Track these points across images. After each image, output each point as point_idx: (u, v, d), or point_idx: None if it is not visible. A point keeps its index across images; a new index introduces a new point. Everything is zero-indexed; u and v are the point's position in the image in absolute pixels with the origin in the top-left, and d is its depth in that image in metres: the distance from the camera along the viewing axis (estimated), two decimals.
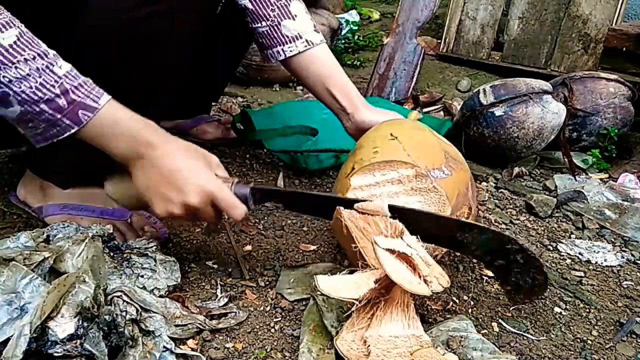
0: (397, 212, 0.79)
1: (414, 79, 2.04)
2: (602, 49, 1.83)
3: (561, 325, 0.88)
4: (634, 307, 0.94)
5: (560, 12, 2.09)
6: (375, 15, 2.80)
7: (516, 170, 1.43)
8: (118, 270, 0.81)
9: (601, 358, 0.82)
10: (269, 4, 1.04)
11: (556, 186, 1.38)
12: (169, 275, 0.83)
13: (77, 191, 0.96)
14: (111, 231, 0.85)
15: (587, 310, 0.92)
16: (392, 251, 0.73)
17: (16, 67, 0.67)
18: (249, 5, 1.05)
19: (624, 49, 1.64)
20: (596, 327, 0.88)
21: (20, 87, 0.68)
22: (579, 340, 0.85)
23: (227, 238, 1.02)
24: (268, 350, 0.77)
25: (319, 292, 0.84)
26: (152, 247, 0.86)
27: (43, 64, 0.69)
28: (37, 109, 0.70)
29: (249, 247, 1.00)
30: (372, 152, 0.88)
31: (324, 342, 0.76)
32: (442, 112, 1.86)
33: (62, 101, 0.70)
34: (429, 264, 0.75)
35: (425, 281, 0.73)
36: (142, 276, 0.81)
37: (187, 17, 0.85)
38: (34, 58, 0.68)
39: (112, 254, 0.84)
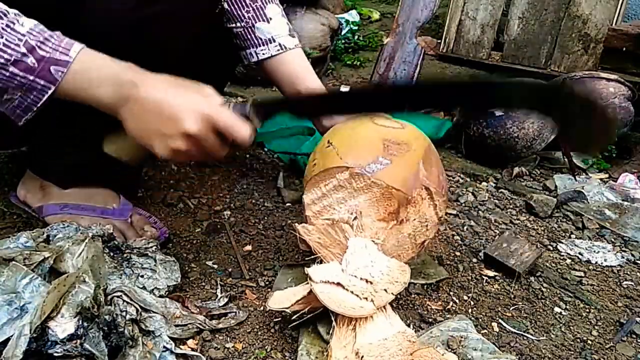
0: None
1: (414, 79, 2.04)
2: (602, 49, 1.83)
3: (561, 325, 0.88)
4: (634, 307, 0.94)
5: (560, 12, 2.09)
6: (375, 15, 2.80)
7: (516, 170, 1.43)
8: (118, 270, 0.81)
9: (601, 358, 0.82)
10: (244, 4, 1.04)
11: (556, 186, 1.38)
12: (169, 275, 0.84)
13: (77, 190, 0.96)
14: (111, 231, 0.85)
15: (587, 310, 0.92)
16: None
17: None
18: (226, 5, 1.04)
19: (624, 49, 1.64)
20: (596, 327, 0.88)
21: None
22: (579, 340, 0.85)
23: (227, 238, 1.02)
24: (268, 350, 0.77)
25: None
26: (152, 247, 0.86)
27: (2, 24, 0.64)
28: (7, 74, 0.65)
29: (249, 247, 1.00)
30: (312, 165, 0.89)
31: (323, 345, 0.76)
32: (442, 112, 1.86)
33: (30, 60, 0.65)
34: (370, 280, 0.76)
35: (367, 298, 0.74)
36: (142, 276, 0.82)
37: (187, 19, 0.85)
38: None
39: (112, 254, 0.84)
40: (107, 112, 0.71)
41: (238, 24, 1.05)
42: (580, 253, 1.09)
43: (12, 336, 0.64)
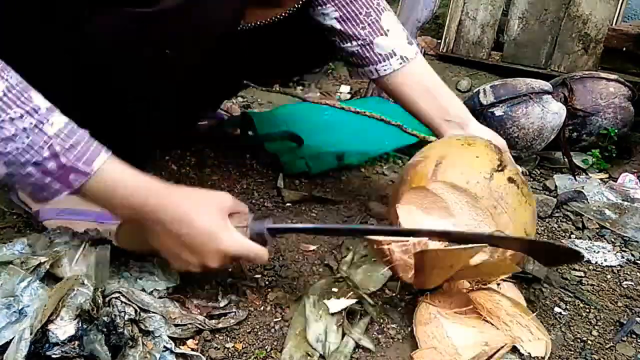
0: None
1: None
2: (602, 49, 1.83)
3: (561, 325, 0.88)
4: (634, 307, 0.94)
5: (560, 12, 2.09)
6: None
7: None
8: (116, 274, 0.80)
9: (601, 358, 0.82)
10: (358, 21, 0.97)
11: (556, 186, 1.38)
12: (168, 277, 0.83)
13: (74, 195, 0.95)
14: (108, 236, 0.85)
15: (587, 310, 0.92)
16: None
17: (1, 127, 0.61)
18: (337, 26, 0.98)
19: (624, 49, 1.64)
20: (596, 327, 0.88)
21: (5, 148, 0.63)
22: (579, 340, 0.85)
23: None
24: (268, 350, 0.77)
25: (309, 294, 0.85)
26: None
27: (31, 123, 0.63)
28: (24, 172, 0.64)
29: None
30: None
31: (308, 349, 0.76)
32: None
33: (50, 165, 0.64)
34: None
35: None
36: (140, 279, 0.81)
37: (190, 55, 0.81)
38: (21, 117, 0.62)
39: (109, 258, 0.83)
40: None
41: (354, 43, 0.99)
42: None
43: (11, 340, 0.64)
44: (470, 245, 0.75)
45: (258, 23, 0.97)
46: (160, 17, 0.72)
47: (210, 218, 0.73)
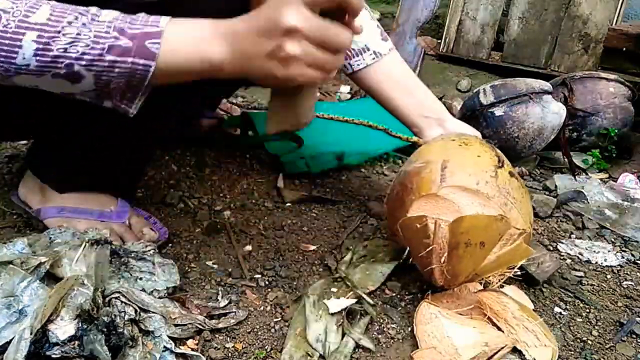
0: None
1: None
2: (602, 49, 1.83)
3: (561, 325, 0.88)
4: (634, 307, 0.94)
5: (560, 12, 2.09)
6: (376, 15, 2.80)
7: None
8: (116, 275, 0.80)
9: (601, 358, 0.82)
10: None
11: (556, 186, 1.38)
12: (168, 277, 0.83)
13: (75, 194, 0.96)
14: (108, 235, 0.85)
15: (587, 310, 0.92)
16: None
17: (64, 34, 0.62)
18: None
19: (624, 49, 1.64)
20: (596, 327, 0.88)
21: (77, 50, 0.62)
22: (579, 340, 0.85)
23: (227, 238, 1.02)
24: (268, 350, 0.77)
25: (309, 294, 0.85)
26: (150, 250, 0.86)
27: (88, 19, 0.63)
28: (106, 64, 0.63)
29: (249, 247, 1.00)
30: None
31: (308, 349, 0.76)
32: None
33: (123, 41, 0.63)
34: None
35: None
36: (140, 279, 0.81)
37: None
38: (76, 18, 0.63)
39: (110, 258, 0.83)
40: (223, 72, 0.68)
41: None
42: (580, 253, 1.09)
43: (11, 340, 0.64)
44: (502, 216, 0.76)
45: None
46: (165, 6, 0.72)
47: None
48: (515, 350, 0.78)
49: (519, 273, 0.85)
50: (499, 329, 0.79)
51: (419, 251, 0.81)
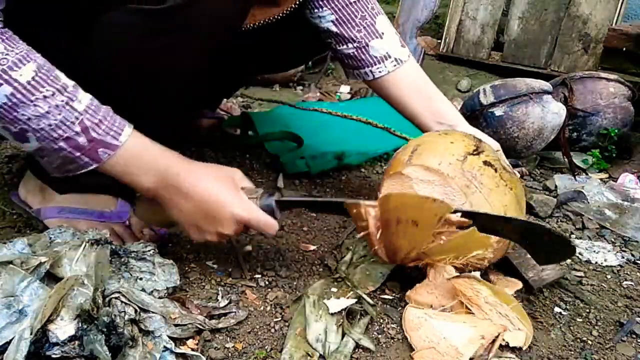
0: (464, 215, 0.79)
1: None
2: (602, 49, 1.83)
3: (561, 325, 0.88)
4: (634, 307, 0.94)
5: (560, 12, 2.09)
6: None
7: (516, 170, 1.44)
8: (116, 275, 0.80)
9: (601, 358, 0.81)
10: (354, 24, 0.99)
11: (556, 186, 1.38)
12: (168, 277, 0.83)
13: (75, 195, 0.96)
14: (107, 235, 0.85)
15: (587, 310, 0.92)
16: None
17: (35, 105, 0.65)
18: (333, 28, 1.00)
19: (624, 49, 1.64)
20: (596, 327, 0.88)
21: (39, 125, 0.66)
22: (579, 340, 0.85)
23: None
24: (268, 350, 0.77)
25: (309, 294, 0.85)
26: (150, 250, 0.86)
27: (62, 100, 0.66)
28: (56, 147, 0.68)
29: (249, 247, 1.00)
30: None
31: (308, 349, 0.76)
32: None
33: (81, 139, 0.68)
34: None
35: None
36: (140, 279, 0.81)
37: (196, 49, 0.82)
38: (53, 94, 0.66)
39: (110, 258, 0.83)
40: (145, 194, 0.77)
41: (350, 45, 1.01)
42: (580, 253, 1.09)
43: (11, 340, 0.64)
44: (436, 197, 0.78)
45: (257, 23, 0.98)
46: (169, 12, 0.73)
47: (226, 187, 0.78)
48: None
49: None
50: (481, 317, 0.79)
51: (362, 232, 0.85)
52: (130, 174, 0.73)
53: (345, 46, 1.02)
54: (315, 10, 1.01)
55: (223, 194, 0.77)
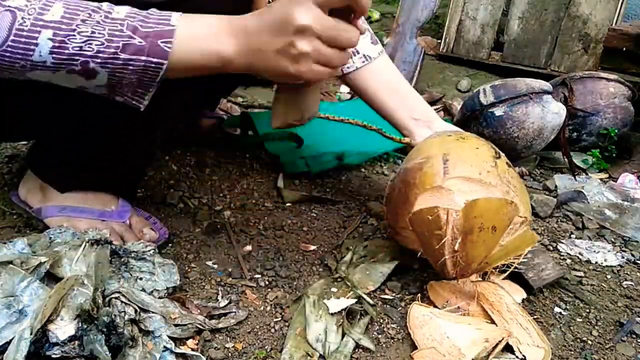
0: None
1: (414, 79, 2.04)
2: (602, 49, 1.83)
3: (561, 325, 0.88)
4: (634, 307, 0.94)
5: (560, 12, 2.09)
6: (375, 15, 2.80)
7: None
8: (116, 275, 0.80)
9: (601, 358, 0.82)
10: None
11: (556, 186, 1.38)
12: (168, 277, 0.83)
13: (75, 194, 0.96)
14: (108, 235, 0.85)
15: (587, 310, 0.92)
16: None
17: (78, 32, 0.63)
18: None
19: (624, 49, 1.64)
20: (596, 327, 0.88)
21: (92, 48, 0.64)
22: (579, 340, 0.85)
23: (227, 238, 1.02)
24: (268, 350, 0.77)
25: (309, 294, 0.85)
26: (150, 250, 0.86)
27: (101, 17, 0.64)
28: (119, 62, 0.65)
29: (249, 247, 1.00)
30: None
31: (308, 349, 0.76)
32: (442, 112, 1.86)
33: (137, 40, 0.65)
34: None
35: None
36: (140, 279, 0.81)
37: None
38: (89, 16, 0.64)
39: (110, 258, 0.83)
40: (233, 67, 0.70)
41: None
42: (580, 253, 1.09)
43: (11, 340, 0.64)
44: (509, 199, 0.77)
45: None
46: (173, 6, 0.73)
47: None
48: (505, 345, 0.78)
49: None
50: (492, 322, 0.79)
51: (432, 244, 0.81)
52: (204, 53, 0.68)
53: None
54: None
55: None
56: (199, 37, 0.68)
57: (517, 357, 0.76)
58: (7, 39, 0.61)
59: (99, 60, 0.65)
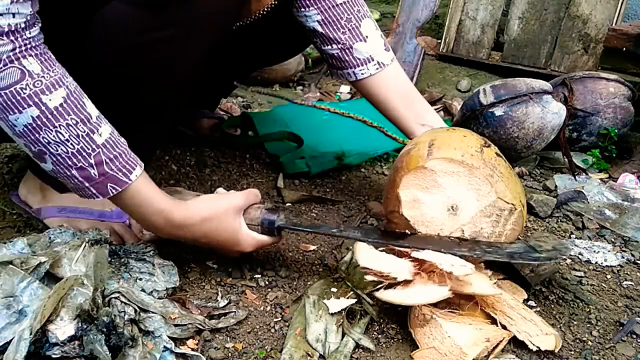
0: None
1: (414, 79, 2.04)
2: (602, 49, 1.83)
3: (561, 325, 0.87)
4: (634, 307, 0.94)
5: (560, 12, 2.09)
6: (375, 15, 2.80)
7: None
8: (116, 275, 0.80)
9: (601, 358, 0.81)
10: (339, 26, 1.01)
11: (556, 186, 1.38)
12: (168, 278, 0.83)
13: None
14: (108, 235, 0.85)
15: (587, 310, 0.92)
16: None
17: (57, 131, 0.67)
18: (319, 28, 1.02)
19: (624, 49, 1.64)
20: (596, 327, 0.88)
21: (57, 150, 0.69)
22: (579, 340, 0.85)
23: None
24: (268, 350, 0.77)
25: (309, 294, 0.85)
26: (149, 251, 0.86)
27: (84, 131, 0.69)
28: (69, 173, 0.70)
29: None
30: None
31: (308, 349, 0.76)
32: (442, 112, 1.86)
33: (94, 172, 0.70)
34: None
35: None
36: (140, 279, 0.81)
37: (195, 43, 0.83)
38: (76, 124, 0.68)
39: (110, 259, 0.83)
40: (157, 234, 0.84)
41: (334, 46, 1.03)
42: (580, 253, 1.09)
43: (11, 340, 0.64)
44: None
45: (253, 16, 1.02)
46: (170, 4, 0.74)
47: (227, 226, 0.83)
48: (516, 342, 0.78)
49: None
50: (495, 322, 0.79)
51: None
52: (132, 212, 0.78)
53: (329, 47, 1.04)
54: (302, 10, 1.03)
55: (225, 238, 0.84)
56: (141, 204, 0.76)
57: (528, 351, 0.76)
58: (2, 90, 0.65)
59: (54, 159, 0.69)
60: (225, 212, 0.82)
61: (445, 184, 0.86)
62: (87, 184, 0.71)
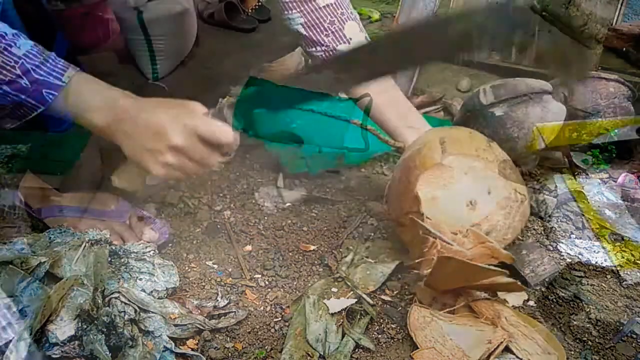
0: None
1: (414, 79, 2.04)
2: (602, 49, 1.83)
3: (561, 325, 0.87)
4: (634, 307, 0.94)
5: (560, 12, 2.09)
6: (375, 15, 2.80)
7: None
8: (116, 275, 0.80)
9: (601, 358, 0.81)
10: (322, 29, 1.03)
11: (556, 186, 1.38)
12: (167, 278, 0.83)
13: (75, 193, 0.96)
14: (108, 235, 0.85)
15: (587, 310, 0.92)
16: None
17: None
18: (302, 31, 1.04)
19: (624, 49, 1.64)
20: (596, 327, 0.88)
21: None
22: (579, 340, 0.85)
23: (227, 238, 1.02)
24: (268, 350, 0.77)
25: (309, 294, 0.85)
26: (150, 251, 0.86)
27: (0, 46, 0.68)
28: (1, 91, 0.69)
29: (249, 247, 1.00)
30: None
31: (308, 349, 0.76)
32: (442, 112, 1.86)
33: (24, 81, 0.69)
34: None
35: None
36: (140, 279, 0.81)
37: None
38: None
39: (110, 259, 0.83)
40: (101, 135, 0.75)
41: (318, 48, 1.05)
42: (580, 253, 1.09)
43: (12, 340, 0.64)
44: (492, 268, 0.77)
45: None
46: None
47: (175, 107, 0.77)
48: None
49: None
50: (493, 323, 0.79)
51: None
52: (81, 114, 0.73)
53: (314, 49, 1.06)
54: (286, 12, 1.04)
55: (170, 111, 0.75)
56: (80, 102, 0.73)
57: (518, 357, 0.75)
58: None
59: None
60: (179, 101, 0.78)
61: (463, 179, 0.88)
62: (22, 96, 0.70)
